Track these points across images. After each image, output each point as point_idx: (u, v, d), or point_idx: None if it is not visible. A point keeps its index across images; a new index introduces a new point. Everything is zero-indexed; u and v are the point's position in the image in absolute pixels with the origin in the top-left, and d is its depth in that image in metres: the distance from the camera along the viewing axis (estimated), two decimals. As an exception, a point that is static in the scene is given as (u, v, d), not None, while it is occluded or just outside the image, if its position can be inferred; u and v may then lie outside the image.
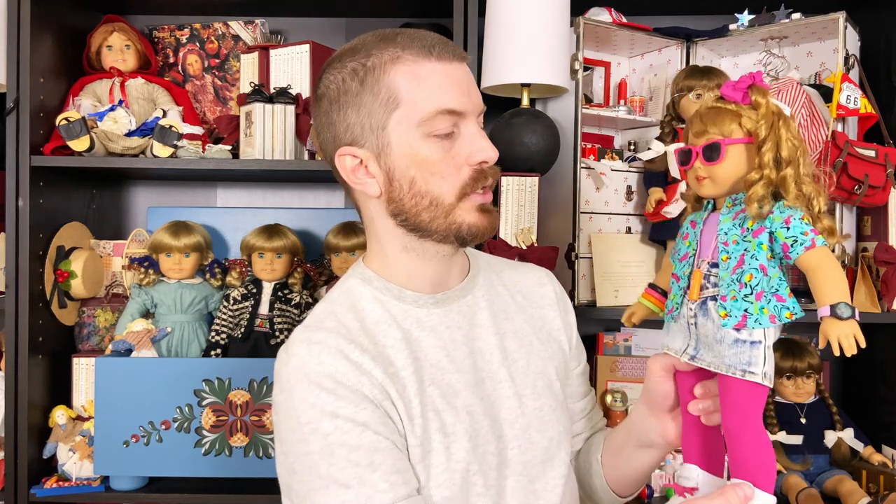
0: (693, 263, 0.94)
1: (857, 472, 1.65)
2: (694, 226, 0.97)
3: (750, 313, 0.87)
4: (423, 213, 0.97)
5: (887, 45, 1.77)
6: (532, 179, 1.64)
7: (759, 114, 0.90)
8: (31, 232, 1.64)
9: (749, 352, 0.88)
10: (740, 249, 0.89)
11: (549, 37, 1.60)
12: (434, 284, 1.04)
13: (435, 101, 0.94)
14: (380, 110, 0.95)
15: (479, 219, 0.98)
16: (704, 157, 0.91)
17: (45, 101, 1.69)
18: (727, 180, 0.92)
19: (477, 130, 0.98)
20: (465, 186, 0.97)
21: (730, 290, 0.89)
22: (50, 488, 1.63)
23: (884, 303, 1.61)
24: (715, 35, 1.80)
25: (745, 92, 0.91)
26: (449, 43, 0.98)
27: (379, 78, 0.94)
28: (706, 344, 0.92)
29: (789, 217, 0.87)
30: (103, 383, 1.58)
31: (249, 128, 1.68)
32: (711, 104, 0.94)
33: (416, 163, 0.95)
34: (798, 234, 0.86)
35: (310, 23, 1.99)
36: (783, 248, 0.87)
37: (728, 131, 0.91)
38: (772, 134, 0.89)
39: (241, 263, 1.80)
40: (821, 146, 1.65)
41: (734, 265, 0.89)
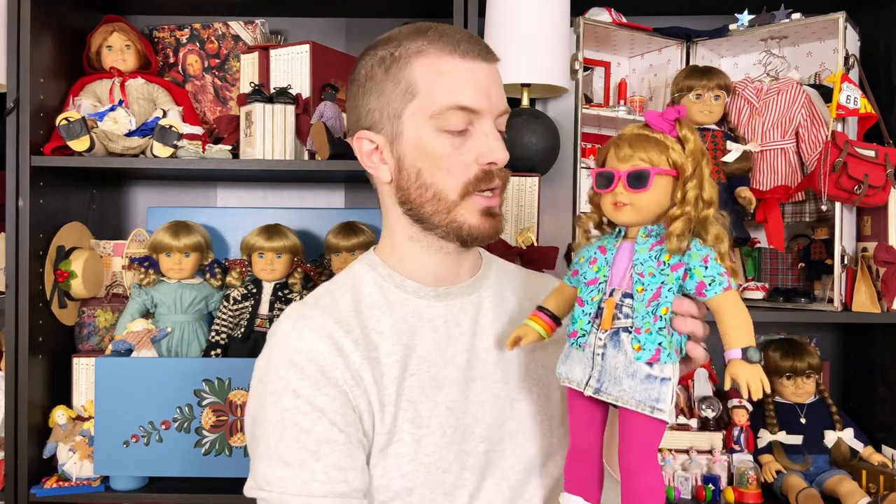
0: (603, 291, 0.91)
1: (857, 472, 1.65)
2: (604, 251, 0.93)
3: (663, 347, 0.86)
4: (426, 206, 0.98)
5: (887, 45, 1.77)
6: (532, 179, 1.64)
7: (687, 149, 0.89)
8: (31, 232, 1.64)
9: (659, 388, 0.86)
10: (657, 282, 0.87)
11: (549, 37, 1.60)
12: (438, 278, 1.04)
13: (449, 97, 0.96)
14: (398, 99, 0.98)
15: (481, 222, 0.99)
16: (629, 184, 0.88)
17: (45, 101, 1.69)
18: (649, 210, 0.90)
19: (491, 131, 0.98)
20: (468, 184, 0.97)
21: (644, 322, 0.87)
22: (50, 488, 1.63)
23: (884, 303, 1.61)
24: (715, 35, 1.80)
25: (672, 124, 0.90)
26: (478, 42, 0.99)
27: (402, 68, 0.97)
28: (613, 377, 0.88)
29: (707, 256, 0.87)
30: (103, 383, 1.58)
31: (249, 128, 1.69)
32: (638, 131, 0.91)
33: (424, 155, 0.97)
34: (716, 274, 0.86)
35: (310, 23, 1.99)
36: (698, 286, 0.87)
37: (656, 161, 0.88)
38: (697, 171, 0.88)
39: (242, 263, 1.80)
40: (821, 146, 1.65)
41: (650, 297, 0.87)
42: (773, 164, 1.74)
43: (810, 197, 1.71)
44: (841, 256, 1.61)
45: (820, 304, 1.65)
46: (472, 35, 1.00)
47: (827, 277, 1.68)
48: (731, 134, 1.72)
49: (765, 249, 1.82)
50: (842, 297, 1.63)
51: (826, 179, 1.58)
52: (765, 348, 1.81)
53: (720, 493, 1.64)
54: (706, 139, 1.69)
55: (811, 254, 1.74)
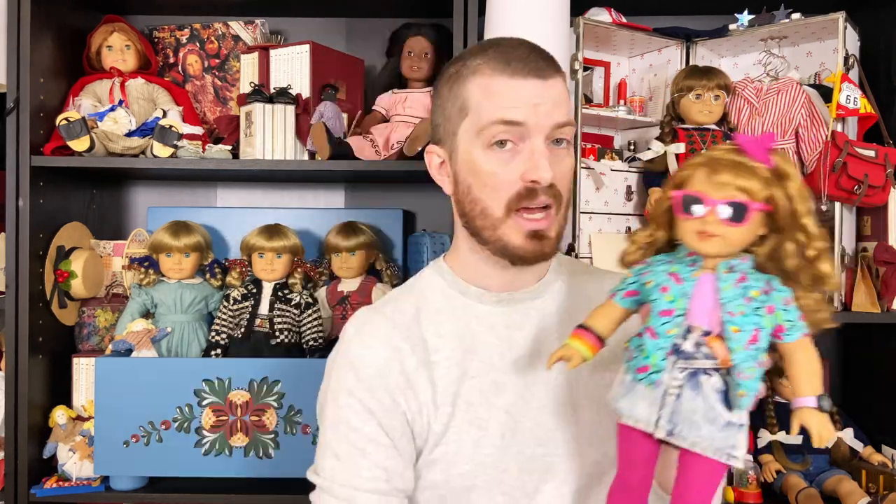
0: (680, 325, 0.84)
1: (857, 471, 1.65)
2: (678, 280, 0.86)
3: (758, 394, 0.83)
4: (476, 220, 1.01)
5: (887, 45, 1.77)
6: (532, 179, 1.64)
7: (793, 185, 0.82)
8: (31, 232, 1.64)
9: (736, 435, 0.83)
10: (752, 323, 0.82)
11: (549, 37, 1.60)
12: (501, 285, 1.06)
13: (495, 112, 0.97)
14: (455, 116, 1.01)
15: (526, 243, 0.99)
16: (725, 216, 0.81)
17: (45, 101, 1.69)
18: (737, 245, 0.84)
19: (539, 148, 0.97)
20: (511, 202, 0.97)
21: (747, 366, 0.82)
22: (50, 488, 1.63)
23: (884, 303, 1.61)
24: (715, 35, 1.80)
25: (767, 153, 0.83)
26: (536, 58, 0.98)
27: (461, 86, 1.00)
28: (689, 421, 0.83)
29: (788, 298, 0.83)
30: (103, 383, 1.58)
31: (249, 128, 1.69)
32: (738, 158, 0.83)
33: (473, 171, 0.99)
34: (795, 318, 0.83)
35: (310, 23, 1.99)
36: (777, 328, 0.82)
37: (755, 193, 0.81)
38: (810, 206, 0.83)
39: (242, 263, 1.80)
40: (820, 146, 1.65)
41: (747, 340, 0.82)
42: (772, 164, 1.74)
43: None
44: (841, 256, 1.61)
45: (820, 304, 1.65)
46: (532, 50, 0.99)
47: (827, 277, 1.68)
48: (731, 134, 1.72)
49: (765, 249, 1.81)
50: (842, 297, 1.63)
51: (826, 179, 1.58)
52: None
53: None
54: (706, 139, 1.69)
55: (811, 254, 1.74)
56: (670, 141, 1.70)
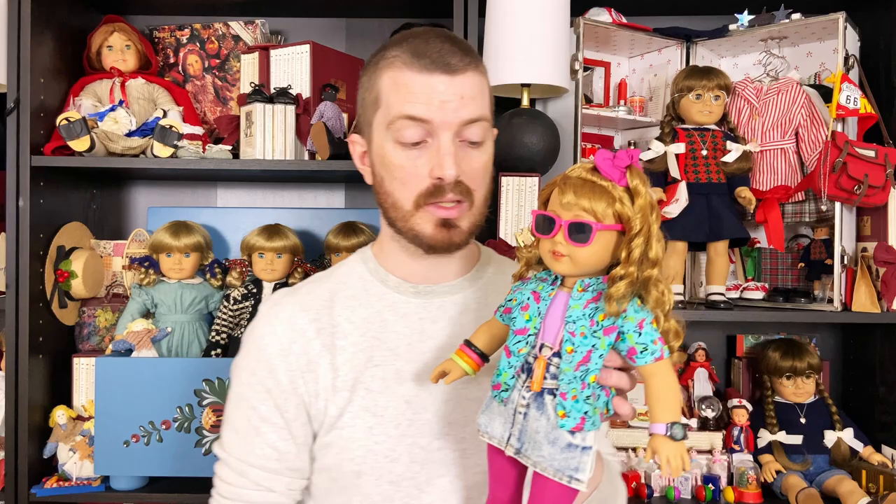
0: (533, 344, 0.85)
1: (857, 472, 1.65)
2: (537, 299, 0.86)
3: (588, 416, 0.82)
4: (390, 211, 1.03)
5: (887, 45, 1.77)
6: (532, 179, 1.64)
7: (637, 203, 0.81)
8: (32, 232, 1.64)
9: (579, 457, 0.82)
10: (588, 344, 0.81)
11: (549, 37, 1.60)
12: (421, 276, 1.07)
13: (401, 107, 0.98)
14: (370, 107, 1.02)
15: (436, 232, 1.00)
16: (570, 235, 0.81)
17: (46, 101, 1.69)
18: (589, 264, 0.83)
19: (446, 145, 0.97)
20: (420, 197, 0.99)
21: (571, 387, 0.81)
22: (50, 488, 1.63)
23: (883, 303, 1.61)
24: (715, 35, 1.80)
25: (623, 171, 0.82)
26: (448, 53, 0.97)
27: (376, 77, 1.02)
28: (533, 440, 0.84)
29: (643, 321, 0.81)
30: (103, 383, 1.58)
31: (249, 128, 1.69)
32: (586, 176, 0.83)
33: (383, 164, 1.01)
34: (649, 342, 0.81)
35: (310, 23, 1.99)
36: (629, 350, 0.81)
37: (601, 213, 0.81)
38: (644, 228, 0.81)
39: (242, 263, 1.80)
40: (821, 146, 1.65)
41: (579, 360, 0.81)
42: (773, 164, 1.74)
43: (810, 197, 1.71)
44: (841, 256, 1.61)
45: (820, 304, 1.65)
46: (448, 43, 0.99)
47: (827, 277, 1.68)
48: (731, 134, 1.72)
49: (765, 249, 1.82)
50: (842, 297, 1.63)
51: (826, 179, 1.58)
52: (764, 348, 1.81)
53: (720, 493, 1.64)
54: (706, 139, 1.69)
55: (811, 254, 1.75)
56: (670, 141, 1.70)
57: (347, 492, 1.02)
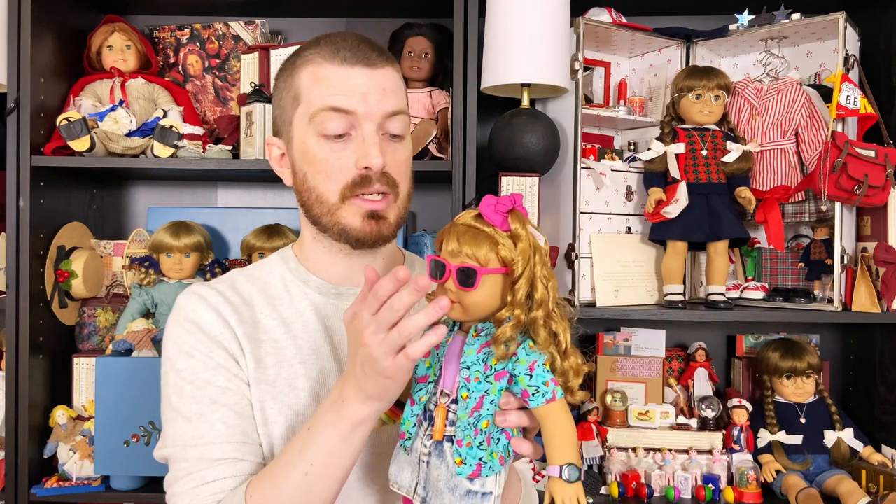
0: (434, 392, 0.85)
1: (857, 471, 1.65)
2: (437, 346, 0.84)
3: (484, 462, 0.82)
4: (314, 208, 1.01)
5: (887, 45, 1.77)
6: (532, 179, 1.64)
7: (518, 247, 0.82)
8: (32, 232, 1.64)
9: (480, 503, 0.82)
10: (481, 390, 0.82)
11: (549, 37, 1.60)
12: (344, 278, 1.06)
13: (323, 99, 0.98)
14: (288, 106, 1.02)
15: (364, 224, 0.99)
16: (459, 281, 0.81)
17: (46, 101, 1.69)
18: (478, 309, 0.83)
19: (370, 135, 0.98)
20: (346, 188, 0.99)
21: (465, 434, 0.82)
22: (50, 488, 1.63)
23: (883, 303, 1.61)
24: (715, 35, 1.80)
25: (505, 216, 0.83)
26: (365, 48, 1.00)
27: (293, 77, 1.02)
28: (436, 489, 0.84)
29: (534, 363, 0.81)
30: (103, 383, 1.58)
31: (250, 128, 1.69)
32: (470, 222, 0.83)
33: (307, 159, 1.01)
34: (540, 384, 0.81)
35: (310, 23, 1.99)
36: (522, 393, 0.81)
37: (484, 258, 0.81)
38: (527, 271, 0.82)
39: (241, 263, 1.80)
40: (821, 146, 1.65)
41: (472, 406, 0.82)
42: (773, 164, 1.74)
43: (810, 197, 1.71)
44: (841, 256, 1.61)
45: (820, 304, 1.65)
46: (363, 41, 1.01)
47: (827, 277, 1.68)
48: (731, 134, 1.72)
49: (765, 249, 1.82)
50: (842, 297, 1.63)
51: (826, 179, 1.58)
52: (764, 348, 1.81)
53: (720, 493, 1.64)
54: (706, 139, 1.69)
55: (811, 254, 1.75)
56: (670, 141, 1.70)
57: None
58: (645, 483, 1.64)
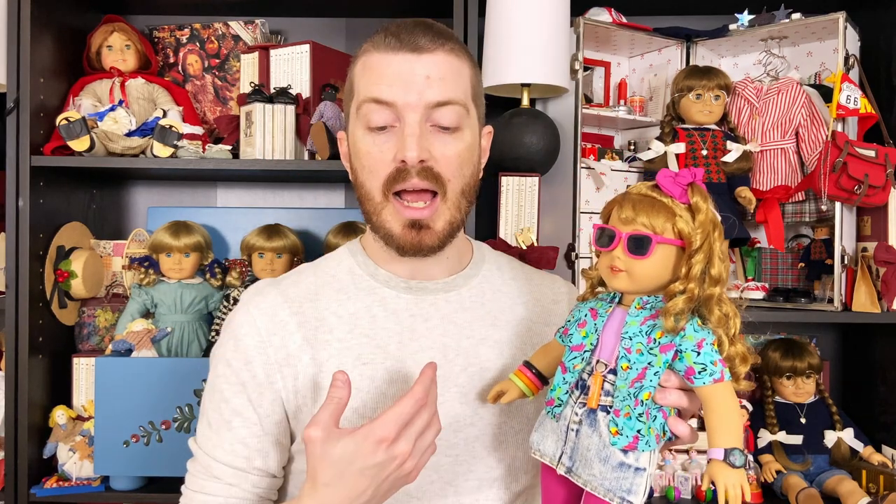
0: (589, 361, 0.85)
1: (857, 472, 1.65)
2: (595, 316, 0.86)
3: (642, 435, 0.80)
4: (365, 204, 0.99)
5: (887, 45, 1.77)
6: (532, 179, 1.64)
7: (697, 219, 0.80)
8: (31, 232, 1.64)
9: (632, 478, 0.80)
10: (643, 362, 0.80)
11: (549, 37, 1.60)
12: (408, 272, 1.02)
13: (366, 90, 0.95)
14: (349, 100, 1.00)
15: (404, 233, 0.95)
16: (629, 248, 0.80)
17: (45, 101, 1.69)
18: (647, 280, 0.82)
19: (410, 126, 0.92)
20: (385, 184, 0.94)
21: (624, 404, 0.80)
22: (50, 488, 1.63)
23: (884, 303, 1.61)
24: (715, 35, 1.80)
25: (684, 189, 0.82)
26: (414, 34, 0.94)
27: (352, 68, 1.00)
28: (584, 458, 0.82)
29: (702, 341, 0.79)
30: (103, 383, 1.57)
31: (249, 128, 1.69)
32: (646, 191, 0.83)
33: (355, 153, 0.98)
34: (708, 362, 0.79)
35: (310, 23, 1.99)
36: (687, 371, 0.79)
37: (661, 228, 0.80)
38: (705, 245, 0.80)
39: (242, 263, 1.80)
40: (821, 146, 1.65)
41: (634, 377, 0.80)
42: (773, 164, 1.74)
43: (810, 197, 1.71)
44: (841, 256, 1.61)
45: (820, 304, 1.65)
46: (420, 26, 0.95)
47: (827, 277, 1.68)
48: (731, 134, 1.72)
49: (765, 249, 1.82)
50: (842, 297, 1.63)
51: (826, 179, 1.58)
52: (765, 348, 1.81)
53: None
54: (706, 139, 1.69)
55: (811, 254, 1.74)
56: (670, 141, 1.70)
57: None
58: (645, 483, 1.64)
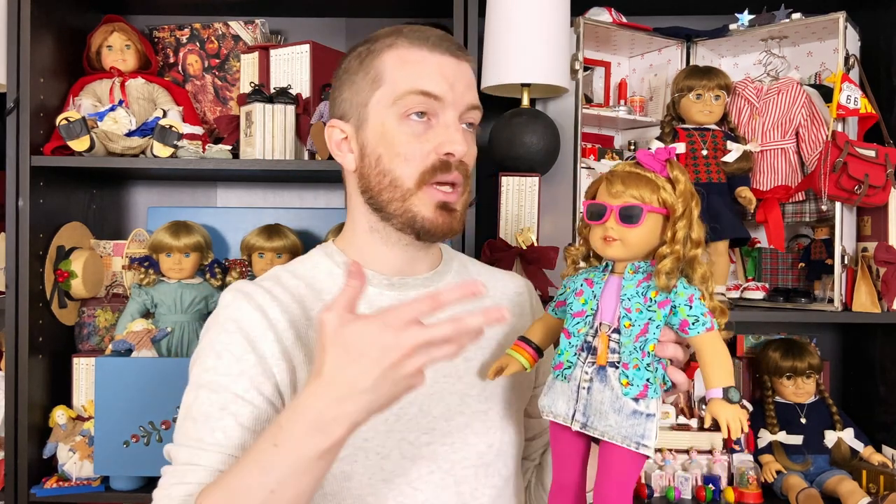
0: (591, 324, 0.92)
1: (857, 472, 1.65)
2: (591, 284, 0.94)
3: (651, 382, 0.88)
4: (384, 193, 0.99)
5: (887, 45, 1.77)
6: (532, 179, 1.64)
7: (678, 190, 0.91)
8: (31, 232, 1.64)
9: (644, 424, 0.88)
10: (644, 318, 0.89)
11: (549, 37, 1.60)
12: (395, 270, 1.05)
13: (412, 82, 0.98)
14: (366, 88, 1.00)
15: (436, 216, 0.99)
16: (621, 219, 0.90)
17: (45, 101, 1.69)
18: (638, 246, 0.91)
19: (454, 123, 0.99)
20: (425, 173, 0.98)
21: (632, 358, 0.89)
22: (50, 488, 1.63)
23: (884, 303, 1.61)
24: (715, 35, 1.80)
25: (663, 164, 0.92)
26: (449, 40, 1.01)
27: (373, 60, 1.01)
28: (598, 411, 0.90)
29: (692, 296, 0.89)
30: (103, 383, 1.57)
31: (249, 128, 1.69)
32: (630, 169, 0.93)
33: (384, 141, 0.99)
34: (699, 314, 0.89)
35: (310, 23, 1.99)
36: (682, 323, 0.89)
37: (648, 199, 0.90)
38: (687, 212, 0.91)
39: (241, 263, 1.80)
40: (821, 146, 1.65)
41: (637, 333, 0.89)
42: (773, 164, 1.74)
43: (810, 197, 1.71)
44: (841, 256, 1.61)
45: (820, 304, 1.65)
46: (445, 34, 1.03)
47: (827, 277, 1.68)
48: (731, 134, 1.72)
49: (765, 249, 1.82)
50: (842, 297, 1.63)
51: (826, 179, 1.58)
52: (765, 348, 1.81)
53: (720, 493, 1.64)
54: (706, 139, 1.69)
55: (811, 254, 1.74)
56: (670, 141, 1.70)
57: (337, 497, 0.97)
58: (645, 483, 1.64)
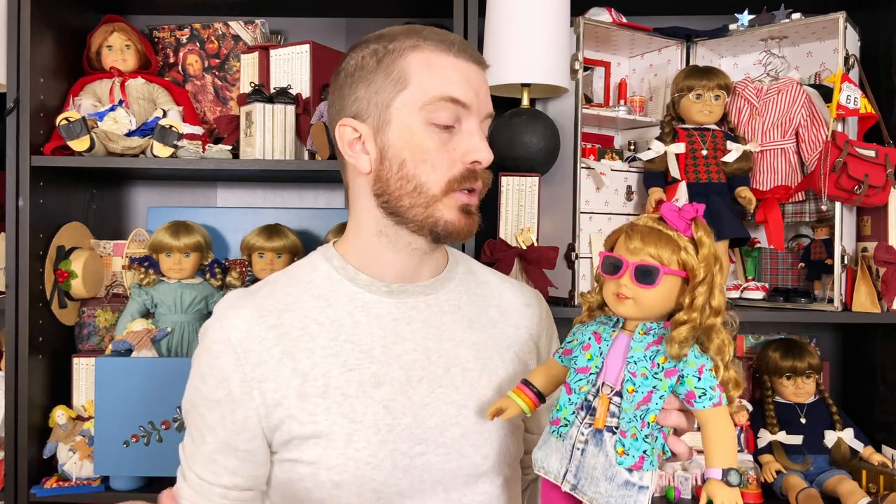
0: (594, 382, 0.88)
1: (857, 472, 1.65)
2: (598, 340, 0.90)
3: (647, 455, 0.85)
4: (404, 198, 0.98)
5: (887, 45, 1.77)
6: (532, 179, 1.64)
7: (700, 253, 0.86)
8: (31, 232, 1.64)
9: (636, 496, 0.84)
10: (648, 385, 0.85)
11: (549, 37, 1.60)
12: (397, 276, 1.04)
13: (440, 88, 0.96)
14: (388, 88, 0.98)
15: (459, 218, 0.99)
16: (637, 277, 0.85)
17: (45, 101, 1.69)
18: (652, 308, 0.87)
19: (478, 130, 0.99)
20: (452, 182, 0.97)
21: (631, 426, 0.85)
22: (50, 488, 1.63)
23: (884, 303, 1.61)
24: (715, 35, 1.80)
25: (688, 223, 0.87)
26: (470, 46, 1.01)
27: (395, 60, 0.98)
28: (590, 476, 0.86)
29: (702, 367, 0.84)
30: (103, 383, 1.57)
31: (249, 128, 1.69)
32: (652, 224, 0.88)
33: (410, 146, 0.97)
34: (707, 387, 0.84)
35: (310, 23, 1.99)
36: (688, 395, 0.84)
37: (667, 259, 0.85)
38: (708, 277, 0.85)
39: (241, 263, 1.80)
40: (821, 146, 1.65)
41: (640, 400, 0.85)
42: (773, 164, 1.74)
43: (810, 197, 1.71)
44: (841, 256, 1.61)
45: (820, 304, 1.65)
46: (466, 41, 1.03)
47: (827, 277, 1.68)
48: (731, 134, 1.72)
49: (765, 249, 1.82)
50: (842, 297, 1.63)
51: (826, 179, 1.58)
52: (765, 348, 1.81)
53: (720, 493, 1.63)
54: (706, 139, 1.69)
55: (811, 254, 1.74)
56: (670, 141, 1.70)
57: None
58: (645, 483, 1.64)
